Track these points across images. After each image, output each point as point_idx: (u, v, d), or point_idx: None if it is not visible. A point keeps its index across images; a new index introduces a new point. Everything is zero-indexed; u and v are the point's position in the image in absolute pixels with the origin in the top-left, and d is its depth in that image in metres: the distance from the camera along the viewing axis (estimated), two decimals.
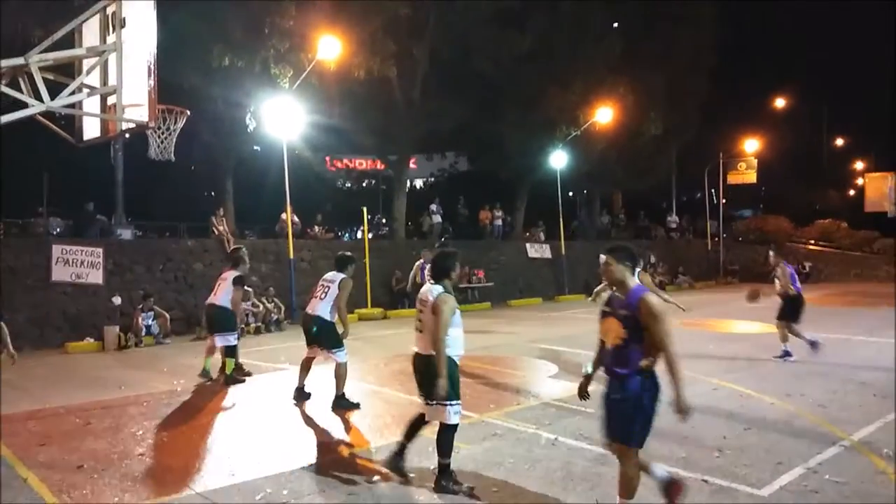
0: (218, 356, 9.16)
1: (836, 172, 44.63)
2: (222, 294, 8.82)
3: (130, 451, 6.03)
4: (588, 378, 4.44)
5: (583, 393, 4.47)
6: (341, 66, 16.50)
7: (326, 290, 7.48)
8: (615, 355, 4.15)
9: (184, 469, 5.50)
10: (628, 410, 4.06)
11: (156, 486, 5.10)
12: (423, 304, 5.02)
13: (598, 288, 9.96)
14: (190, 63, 15.02)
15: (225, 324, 8.77)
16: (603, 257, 4.23)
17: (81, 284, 13.51)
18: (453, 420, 4.89)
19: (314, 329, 7.44)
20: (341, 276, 7.54)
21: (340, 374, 7.44)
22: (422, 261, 13.13)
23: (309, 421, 7.15)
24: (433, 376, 4.81)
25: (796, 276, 10.71)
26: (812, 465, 5.35)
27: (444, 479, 4.92)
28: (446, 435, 4.94)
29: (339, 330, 7.50)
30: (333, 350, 7.43)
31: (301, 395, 7.78)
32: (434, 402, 4.88)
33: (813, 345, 10.06)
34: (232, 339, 8.82)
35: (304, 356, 7.79)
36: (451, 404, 4.86)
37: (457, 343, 4.97)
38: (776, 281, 10.52)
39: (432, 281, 5.15)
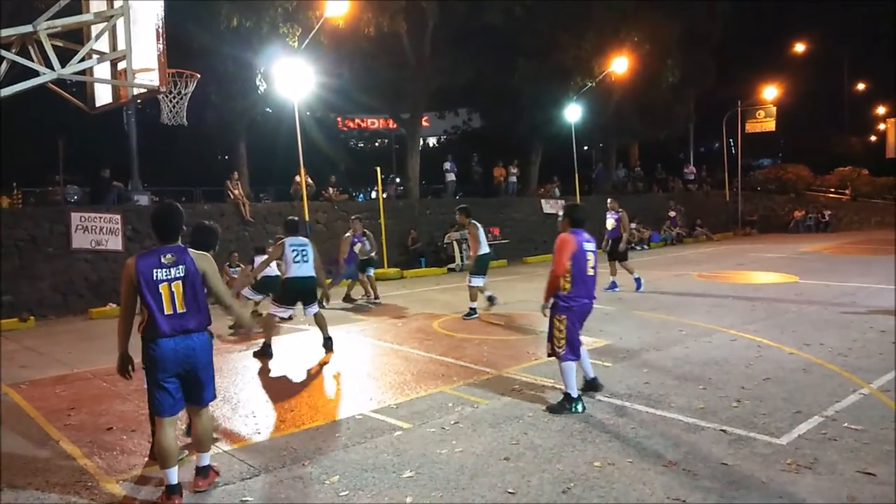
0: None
1: (857, 118, 43.61)
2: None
3: None
4: None
5: None
6: (350, 22, 16.25)
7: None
8: None
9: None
10: None
11: (184, 446, 5.22)
12: None
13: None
14: (198, 24, 14.86)
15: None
16: None
17: (102, 251, 13.69)
18: None
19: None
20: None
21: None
22: (350, 233, 12.57)
23: (330, 380, 7.28)
24: None
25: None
26: (830, 413, 5.37)
27: None
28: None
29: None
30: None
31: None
32: None
33: (614, 285, 12.65)
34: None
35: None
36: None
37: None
38: (611, 222, 13.07)
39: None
